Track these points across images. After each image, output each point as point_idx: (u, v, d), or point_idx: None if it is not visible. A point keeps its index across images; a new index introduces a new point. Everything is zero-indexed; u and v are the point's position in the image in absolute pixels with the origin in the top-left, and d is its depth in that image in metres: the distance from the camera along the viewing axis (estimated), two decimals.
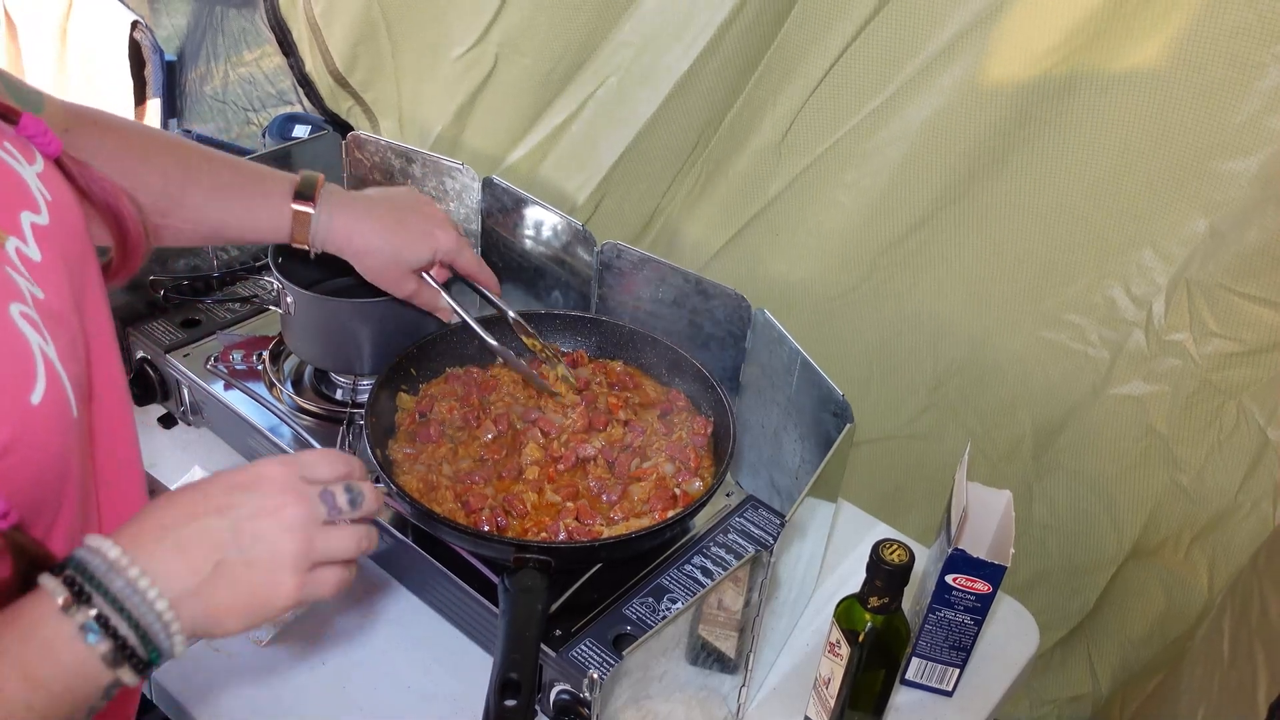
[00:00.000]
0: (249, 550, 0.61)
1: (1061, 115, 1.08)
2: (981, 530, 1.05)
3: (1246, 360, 1.06)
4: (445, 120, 1.57)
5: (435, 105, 1.58)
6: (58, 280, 0.65)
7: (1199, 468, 1.12)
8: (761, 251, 1.37)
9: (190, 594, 0.59)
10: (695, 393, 1.20)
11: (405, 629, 1.09)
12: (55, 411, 0.58)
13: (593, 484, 1.08)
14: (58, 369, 0.60)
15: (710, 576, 1.04)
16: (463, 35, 1.48)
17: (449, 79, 1.53)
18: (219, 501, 0.61)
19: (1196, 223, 1.06)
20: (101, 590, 0.56)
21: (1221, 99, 0.99)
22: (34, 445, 0.57)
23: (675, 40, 1.29)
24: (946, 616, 1.01)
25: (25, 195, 0.65)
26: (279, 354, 1.30)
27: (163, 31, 2.17)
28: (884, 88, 1.18)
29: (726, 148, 1.36)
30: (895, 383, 1.34)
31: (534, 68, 1.44)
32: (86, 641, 0.55)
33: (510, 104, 1.50)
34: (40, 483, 0.58)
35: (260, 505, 0.62)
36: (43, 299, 0.62)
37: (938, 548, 1.04)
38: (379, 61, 1.60)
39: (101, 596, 0.55)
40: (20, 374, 0.57)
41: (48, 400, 0.58)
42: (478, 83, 1.51)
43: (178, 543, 0.59)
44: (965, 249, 1.21)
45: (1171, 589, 1.19)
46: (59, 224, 0.67)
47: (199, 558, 0.59)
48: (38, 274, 0.63)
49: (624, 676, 0.85)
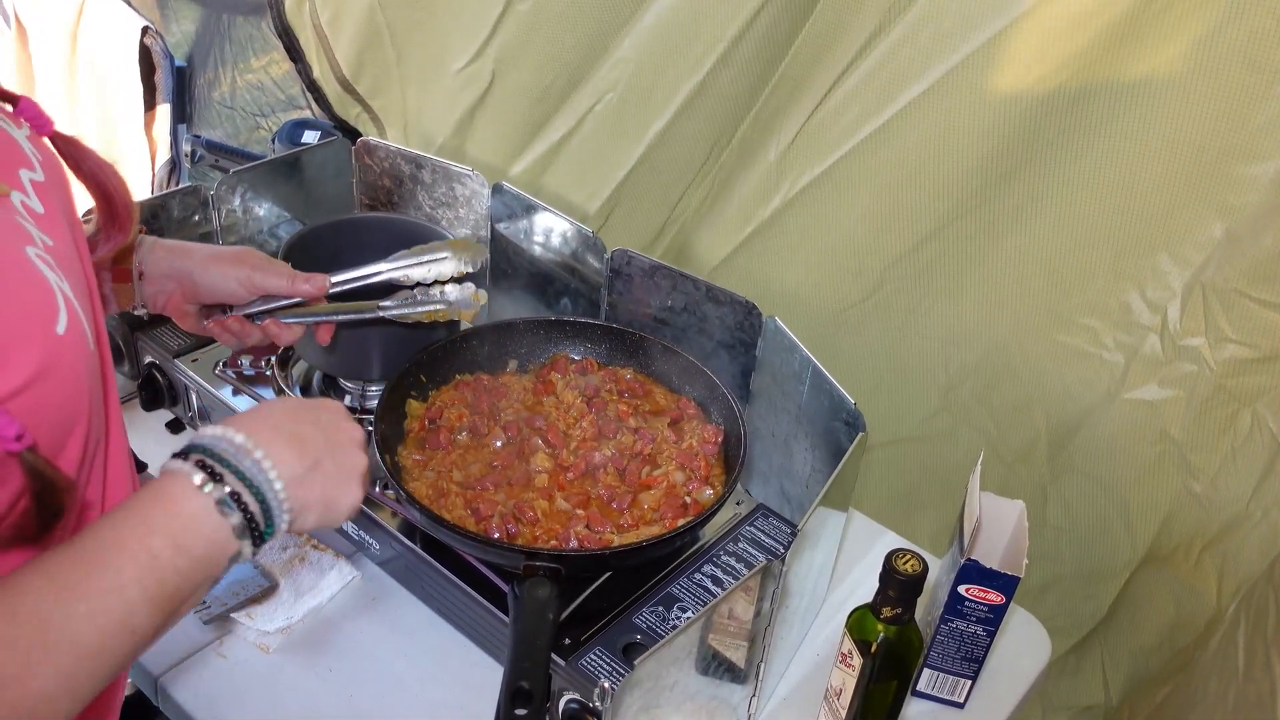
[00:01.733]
0: (337, 456, 0.71)
1: (1078, 121, 1.08)
2: (994, 540, 1.04)
3: (1262, 367, 1.05)
4: (446, 132, 1.57)
5: (437, 116, 1.58)
6: (61, 229, 0.69)
7: (1213, 475, 1.11)
8: (772, 262, 1.37)
9: (296, 481, 0.67)
10: (706, 400, 1.19)
11: (413, 637, 1.09)
12: (76, 342, 0.63)
13: (603, 492, 1.08)
14: (75, 304, 0.64)
15: (721, 585, 1.03)
16: (462, 49, 1.48)
17: (450, 91, 1.53)
18: (310, 415, 0.72)
19: (1213, 227, 1.05)
20: (232, 469, 0.63)
21: (1240, 103, 0.99)
22: (60, 374, 0.61)
23: (679, 55, 1.29)
24: (959, 627, 1.00)
25: (20, 154, 0.69)
26: (287, 360, 1.30)
27: (173, 38, 2.17)
28: (898, 97, 1.18)
29: (738, 159, 1.35)
30: (908, 385, 1.33)
31: (531, 83, 1.44)
32: (223, 513, 0.62)
33: (508, 118, 1.50)
34: (62, 409, 0.62)
35: (338, 424, 0.73)
36: (52, 245, 0.66)
37: (950, 558, 1.04)
38: (384, 70, 1.61)
39: (234, 475, 0.63)
40: (44, 305, 0.60)
41: (70, 331, 0.62)
42: (476, 97, 1.51)
43: (290, 437, 0.68)
44: (981, 254, 1.21)
45: (1181, 598, 1.18)
46: (53, 180, 0.71)
47: (306, 453, 0.68)
48: (42, 224, 0.66)
49: (635, 686, 0.85)
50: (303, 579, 1.13)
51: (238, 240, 1.41)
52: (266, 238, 1.46)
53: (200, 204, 1.35)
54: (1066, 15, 1.04)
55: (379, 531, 1.10)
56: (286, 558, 1.15)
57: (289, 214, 1.48)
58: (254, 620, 1.06)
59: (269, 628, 1.07)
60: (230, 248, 1.06)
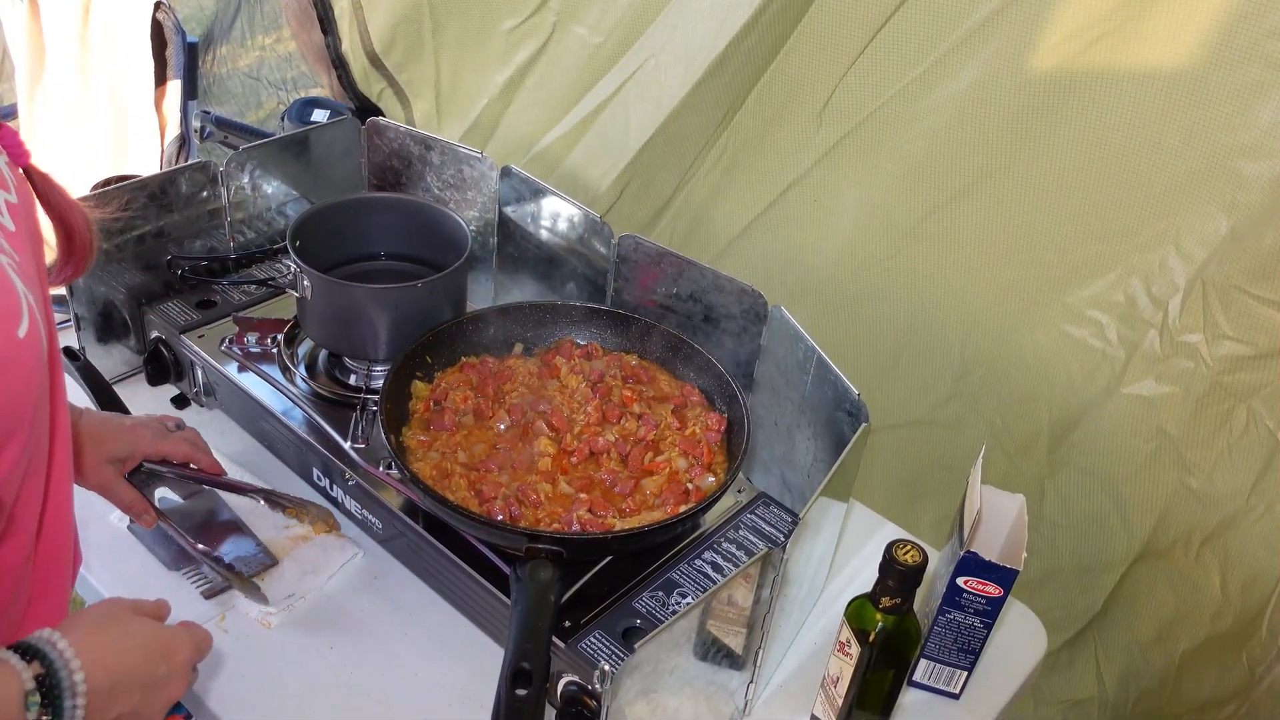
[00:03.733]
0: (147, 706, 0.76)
1: (1095, 103, 1.08)
2: (994, 533, 1.05)
3: (1258, 364, 1.06)
4: (491, 94, 1.58)
5: (479, 81, 1.59)
6: (27, 251, 0.71)
7: (1209, 470, 1.12)
8: (790, 226, 1.37)
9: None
10: (709, 388, 1.19)
11: (414, 617, 1.09)
12: (33, 349, 0.65)
13: (605, 476, 1.08)
14: (36, 315, 0.66)
15: (721, 572, 1.04)
16: (519, 4, 1.49)
17: (498, 53, 1.55)
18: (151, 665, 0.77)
19: (1219, 223, 1.05)
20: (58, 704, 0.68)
21: (1251, 99, 0.99)
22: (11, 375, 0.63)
23: (712, 22, 1.29)
24: (956, 619, 1.01)
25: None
26: (294, 337, 1.30)
27: (185, 12, 2.17)
28: (922, 60, 1.18)
29: (754, 125, 1.35)
30: (922, 369, 1.34)
31: (587, 39, 1.45)
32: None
33: (559, 78, 1.51)
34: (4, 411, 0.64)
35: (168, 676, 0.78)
36: (18, 261, 0.68)
37: (949, 550, 1.04)
38: (418, 41, 1.62)
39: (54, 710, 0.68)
40: (9, 309, 0.62)
41: (30, 336, 0.64)
42: (530, 55, 1.53)
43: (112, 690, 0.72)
44: (994, 233, 1.21)
45: (1182, 592, 1.19)
46: (24, 204, 0.73)
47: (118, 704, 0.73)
48: (11, 240, 0.68)
49: (634, 670, 0.85)
50: (305, 556, 1.13)
51: (245, 218, 1.41)
52: (275, 215, 1.46)
53: (209, 180, 1.35)
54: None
55: (381, 511, 1.10)
56: (289, 535, 1.15)
57: (297, 192, 1.48)
58: (256, 596, 1.07)
59: (271, 604, 1.07)
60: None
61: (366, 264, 1.34)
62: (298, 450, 1.19)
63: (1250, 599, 1.11)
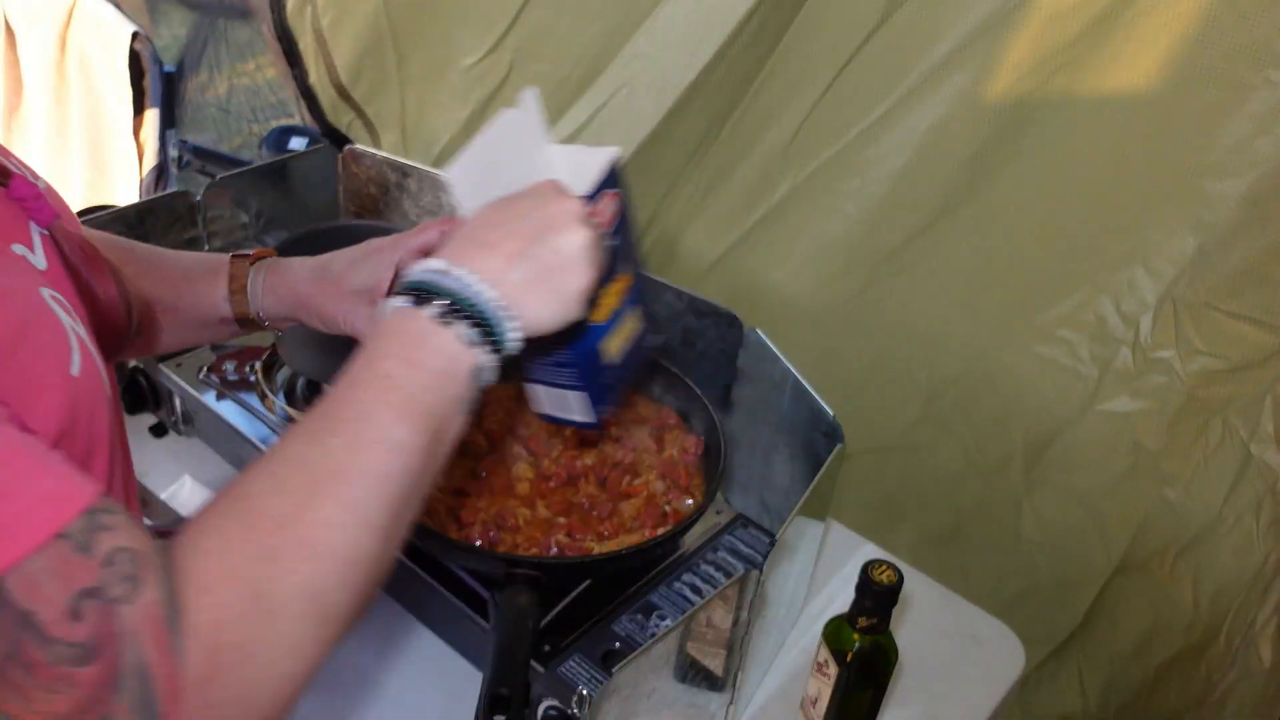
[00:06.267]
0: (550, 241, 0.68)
1: (1058, 130, 1.10)
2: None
3: (1231, 377, 1.07)
4: (453, 130, 1.58)
5: (443, 116, 1.59)
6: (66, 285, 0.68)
7: (1186, 482, 1.13)
8: (761, 259, 1.37)
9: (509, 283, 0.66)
10: (686, 410, 1.20)
11: (393, 643, 1.09)
12: (92, 383, 0.63)
13: (584, 500, 1.08)
14: (89, 345, 0.65)
15: (700, 594, 1.04)
16: (476, 43, 1.49)
17: (459, 89, 1.54)
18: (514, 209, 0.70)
19: (1186, 242, 1.07)
20: (438, 290, 0.64)
21: (1214, 120, 1.01)
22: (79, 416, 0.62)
23: (684, 53, 1.30)
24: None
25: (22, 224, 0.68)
26: (272, 365, 1.30)
27: (161, 42, 2.18)
28: (886, 98, 1.19)
29: (728, 156, 1.36)
30: (891, 394, 1.34)
31: (549, 74, 1.45)
32: (444, 324, 0.63)
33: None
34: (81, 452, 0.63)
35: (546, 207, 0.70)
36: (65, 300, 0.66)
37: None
38: (383, 74, 1.62)
39: (441, 295, 0.64)
40: (59, 345, 0.61)
41: (85, 372, 0.62)
42: (490, 90, 1.52)
43: (490, 244, 0.67)
44: (962, 261, 1.22)
45: (1158, 604, 1.20)
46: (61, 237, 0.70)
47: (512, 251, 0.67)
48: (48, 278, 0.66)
49: (613, 693, 0.85)
50: None
51: (223, 246, 1.42)
52: (253, 243, 1.46)
53: (187, 209, 1.35)
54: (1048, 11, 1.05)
55: None
56: None
57: (275, 220, 1.48)
58: None
59: None
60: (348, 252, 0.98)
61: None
62: None
63: (1217, 610, 1.13)
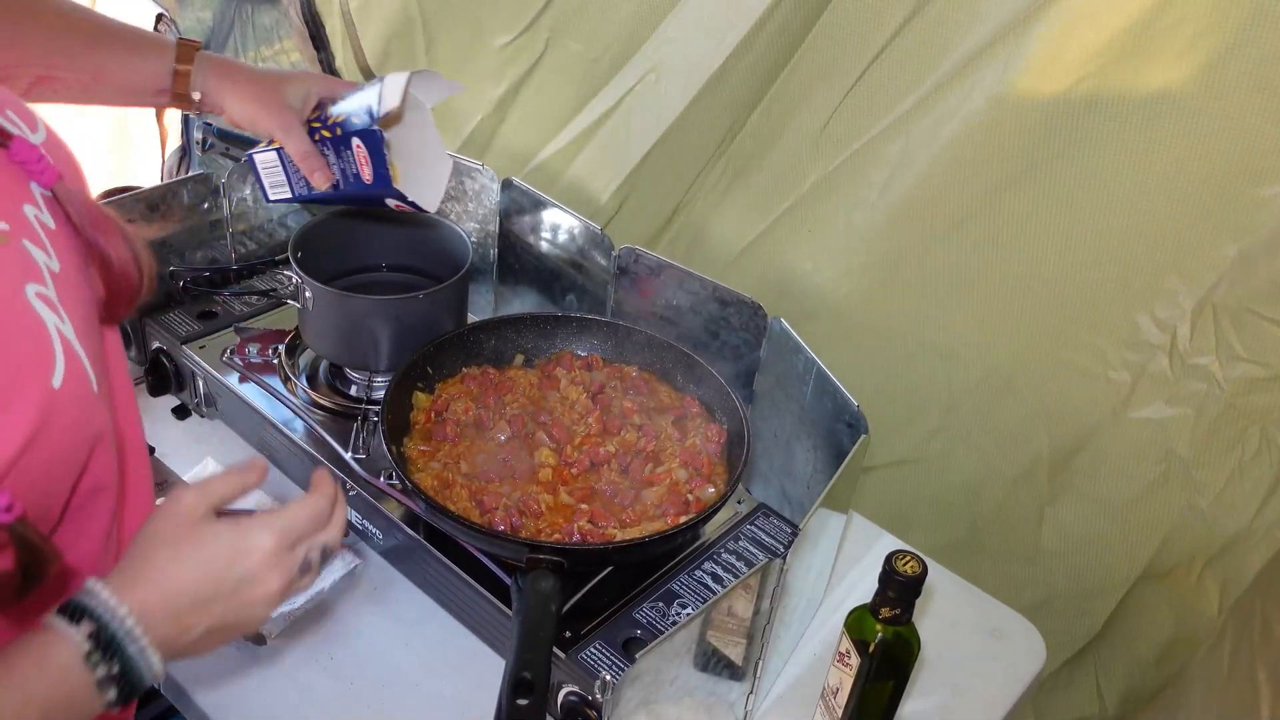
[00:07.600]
0: (236, 615, 0.70)
1: (1088, 134, 1.08)
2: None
3: (1273, 385, 1.05)
4: (485, 110, 1.58)
5: (473, 96, 1.58)
6: (70, 246, 0.67)
7: (1218, 491, 1.12)
8: (787, 249, 1.36)
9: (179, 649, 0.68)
10: (710, 399, 1.20)
11: (414, 627, 1.09)
12: (76, 392, 0.62)
13: (606, 487, 1.08)
14: (75, 348, 0.63)
15: (721, 583, 1.04)
16: (510, 22, 1.49)
17: (491, 69, 1.54)
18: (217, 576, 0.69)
19: (1226, 248, 1.05)
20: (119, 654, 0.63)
21: (1252, 125, 0.99)
22: (58, 430, 0.60)
23: (710, 38, 1.29)
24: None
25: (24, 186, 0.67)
26: (295, 348, 1.31)
27: (186, 24, 2.17)
28: (915, 91, 1.18)
29: (755, 144, 1.35)
30: (908, 404, 1.33)
31: (583, 54, 1.45)
32: (100, 691, 0.63)
33: (555, 92, 1.51)
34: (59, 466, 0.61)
35: (250, 578, 0.70)
36: (59, 271, 0.65)
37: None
38: (411, 56, 1.62)
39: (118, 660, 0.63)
40: (40, 358, 0.60)
41: (68, 381, 0.61)
42: (524, 70, 1.52)
43: (178, 615, 0.67)
44: (985, 266, 1.21)
45: (1181, 613, 1.19)
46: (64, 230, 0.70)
47: (194, 625, 0.68)
48: (54, 240, 0.65)
49: (635, 680, 0.86)
50: None
51: (246, 229, 1.42)
52: (276, 227, 1.46)
53: (210, 192, 1.36)
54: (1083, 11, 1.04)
55: (382, 521, 1.10)
56: None
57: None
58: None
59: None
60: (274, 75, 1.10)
61: (368, 275, 1.35)
62: (299, 461, 1.19)
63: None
